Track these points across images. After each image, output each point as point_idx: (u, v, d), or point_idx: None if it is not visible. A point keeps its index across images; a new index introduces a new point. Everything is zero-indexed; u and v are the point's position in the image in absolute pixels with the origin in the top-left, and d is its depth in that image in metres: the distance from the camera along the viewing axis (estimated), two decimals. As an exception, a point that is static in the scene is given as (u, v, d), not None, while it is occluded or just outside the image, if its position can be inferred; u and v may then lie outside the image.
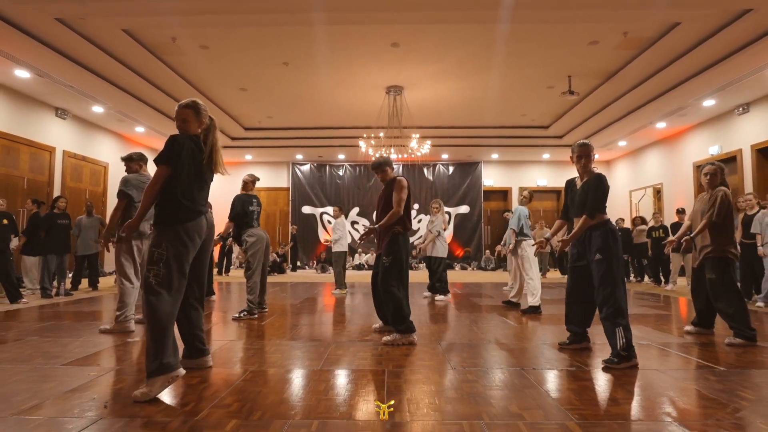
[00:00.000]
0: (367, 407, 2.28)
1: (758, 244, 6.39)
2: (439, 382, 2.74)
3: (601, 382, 2.76)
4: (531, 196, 6.46)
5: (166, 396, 2.45)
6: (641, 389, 2.64)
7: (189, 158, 2.68)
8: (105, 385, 2.65)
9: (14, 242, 7.26)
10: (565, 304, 3.63)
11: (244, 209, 5.30)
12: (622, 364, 3.02)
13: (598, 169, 3.51)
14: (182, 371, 2.57)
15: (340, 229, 8.10)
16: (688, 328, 4.33)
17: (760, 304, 6.23)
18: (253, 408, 2.26)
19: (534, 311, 5.58)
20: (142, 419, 2.11)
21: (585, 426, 2.04)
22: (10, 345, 3.68)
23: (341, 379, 2.82)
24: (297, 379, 2.81)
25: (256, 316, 5.21)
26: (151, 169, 3.11)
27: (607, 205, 3.39)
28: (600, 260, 3.22)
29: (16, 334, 4.09)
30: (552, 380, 2.78)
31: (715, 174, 4.15)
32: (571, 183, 3.62)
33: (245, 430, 1.98)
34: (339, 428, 2.03)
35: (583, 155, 3.47)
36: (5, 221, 6.55)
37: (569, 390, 2.56)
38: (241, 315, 5.14)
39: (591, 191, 3.34)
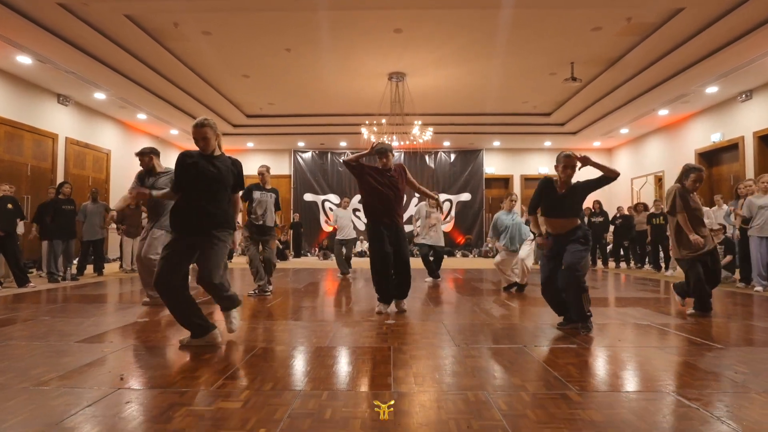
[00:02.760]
0: (373, 379, 2.36)
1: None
2: (443, 357, 2.82)
3: (601, 358, 2.84)
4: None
5: (180, 369, 2.53)
6: (640, 364, 2.71)
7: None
8: (119, 359, 2.74)
9: (20, 227, 7.34)
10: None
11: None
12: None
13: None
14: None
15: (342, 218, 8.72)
16: (690, 311, 4.41)
17: (758, 288, 6.31)
18: (265, 380, 2.34)
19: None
20: (158, 389, 2.19)
21: (585, 395, 2.12)
22: (24, 324, 3.77)
23: (348, 355, 2.90)
24: (305, 354, 2.90)
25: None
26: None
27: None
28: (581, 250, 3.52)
29: (28, 315, 4.19)
30: (553, 356, 2.85)
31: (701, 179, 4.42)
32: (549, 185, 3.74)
33: (258, 399, 2.06)
34: (347, 398, 2.11)
35: (568, 166, 3.64)
36: (9, 206, 6.60)
37: (569, 365, 2.63)
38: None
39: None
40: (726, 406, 2.01)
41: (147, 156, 4.88)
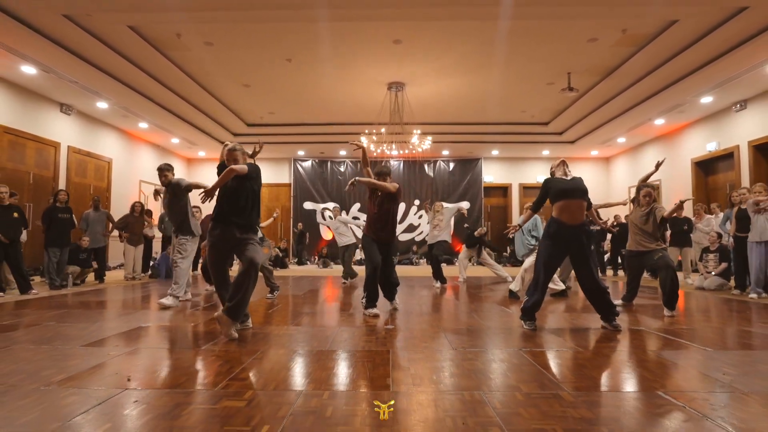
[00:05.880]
0: (372, 380, 2.44)
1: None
2: (440, 360, 2.90)
3: (595, 361, 2.91)
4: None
5: (185, 372, 2.60)
6: (632, 367, 2.79)
7: None
8: (125, 362, 2.81)
9: (24, 235, 7.41)
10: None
11: None
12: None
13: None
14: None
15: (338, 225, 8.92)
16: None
17: (753, 295, 6.39)
18: (267, 381, 2.42)
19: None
20: (165, 390, 2.27)
21: (577, 395, 2.21)
22: (29, 329, 3.85)
23: (348, 358, 2.98)
24: (306, 358, 2.97)
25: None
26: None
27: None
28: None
29: (33, 320, 4.26)
30: (548, 359, 2.94)
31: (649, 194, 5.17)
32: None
33: (261, 399, 2.14)
34: (348, 397, 2.19)
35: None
36: (15, 214, 6.69)
37: (564, 367, 2.71)
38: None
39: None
40: (710, 405, 2.10)
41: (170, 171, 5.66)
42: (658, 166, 5.59)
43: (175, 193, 5.51)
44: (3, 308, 5.11)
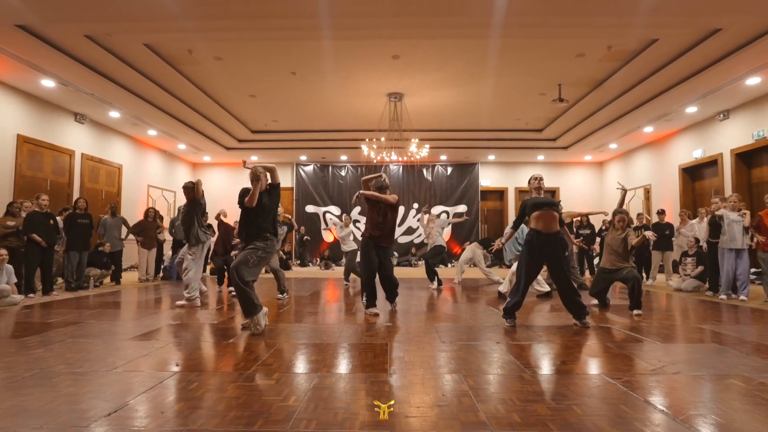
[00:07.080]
0: (374, 365, 3.00)
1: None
2: (429, 351, 3.46)
3: (560, 352, 3.46)
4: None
5: (220, 360, 3.15)
6: (585, 355, 3.38)
7: None
8: (169, 352, 3.38)
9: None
10: None
11: None
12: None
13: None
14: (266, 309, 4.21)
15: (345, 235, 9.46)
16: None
17: (723, 296, 6.93)
18: (289, 366, 2.98)
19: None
20: (209, 372, 2.82)
21: (535, 376, 2.79)
22: (76, 326, 4.41)
23: (353, 349, 3.54)
24: (318, 349, 3.53)
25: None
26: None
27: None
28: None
29: (74, 318, 4.83)
30: (520, 350, 3.50)
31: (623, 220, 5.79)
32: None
33: (286, 378, 2.70)
34: (355, 377, 2.76)
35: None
36: (51, 221, 7.23)
37: (532, 356, 3.28)
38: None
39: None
40: (638, 383, 2.67)
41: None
42: (620, 187, 6.39)
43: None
44: (37, 309, 5.66)
